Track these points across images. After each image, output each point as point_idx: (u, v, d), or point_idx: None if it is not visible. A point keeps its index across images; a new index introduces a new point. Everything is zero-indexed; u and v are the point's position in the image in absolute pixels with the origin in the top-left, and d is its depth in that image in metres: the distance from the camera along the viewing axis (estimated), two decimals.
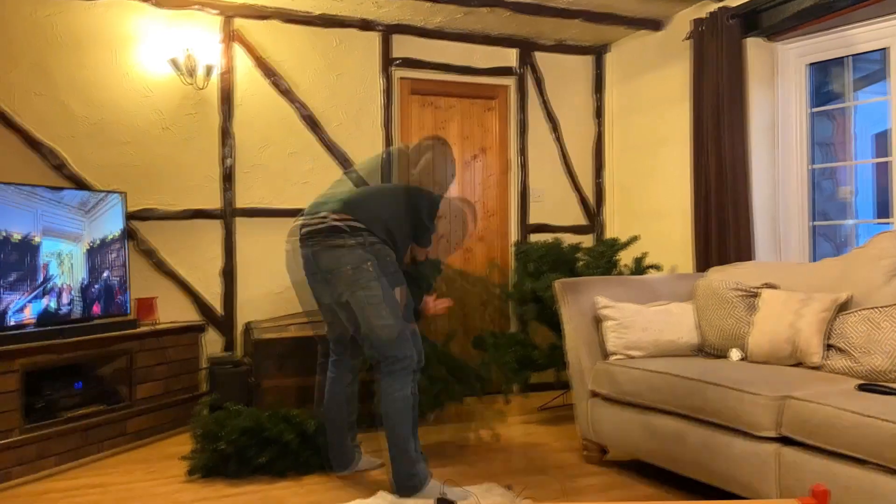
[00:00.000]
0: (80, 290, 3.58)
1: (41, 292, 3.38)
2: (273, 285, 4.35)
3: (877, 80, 3.75)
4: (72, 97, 3.94)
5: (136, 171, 4.07)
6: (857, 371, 2.75)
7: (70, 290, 3.52)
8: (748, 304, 3.23)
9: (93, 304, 3.64)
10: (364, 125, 4.57)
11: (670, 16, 4.53)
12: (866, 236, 3.41)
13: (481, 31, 4.75)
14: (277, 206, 4.37)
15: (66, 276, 3.50)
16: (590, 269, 4.16)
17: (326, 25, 4.45)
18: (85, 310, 3.60)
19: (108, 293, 3.73)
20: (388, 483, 2.97)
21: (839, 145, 3.99)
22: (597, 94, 5.17)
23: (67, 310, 3.51)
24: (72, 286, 3.53)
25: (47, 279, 3.41)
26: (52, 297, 3.44)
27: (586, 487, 3.04)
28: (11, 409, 3.13)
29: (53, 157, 3.89)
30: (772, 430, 2.50)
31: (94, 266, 3.65)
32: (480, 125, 4.94)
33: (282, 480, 3.15)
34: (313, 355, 3.93)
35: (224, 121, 4.25)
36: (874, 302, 2.87)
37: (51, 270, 3.43)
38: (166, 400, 3.86)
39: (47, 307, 3.41)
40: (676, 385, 2.86)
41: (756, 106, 3.99)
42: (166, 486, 3.09)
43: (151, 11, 4.07)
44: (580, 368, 3.36)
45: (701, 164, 4.09)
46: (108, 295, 3.73)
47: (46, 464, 3.26)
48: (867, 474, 2.21)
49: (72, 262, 3.54)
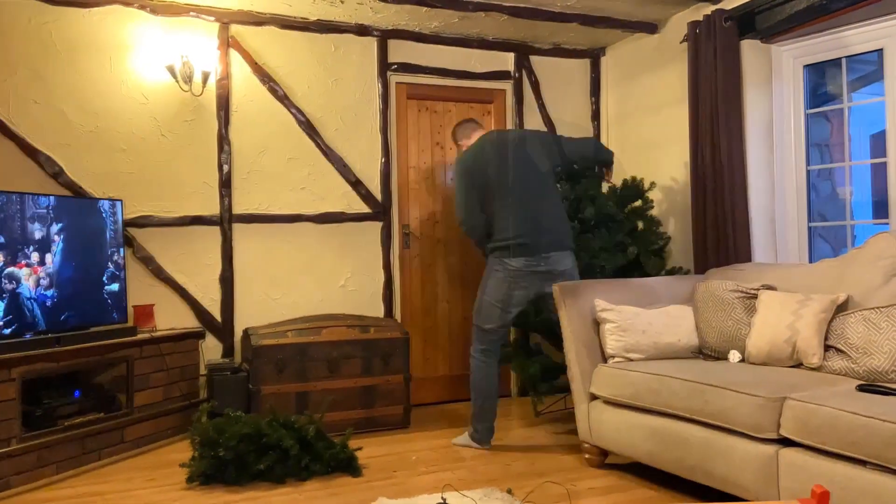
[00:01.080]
0: (78, 297, 3.57)
1: (39, 300, 3.38)
2: (272, 291, 4.35)
3: (872, 80, 3.76)
4: (69, 105, 3.94)
5: (134, 178, 4.07)
6: (856, 372, 2.75)
7: (67, 298, 3.52)
8: (747, 305, 3.23)
9: (90, 312, 3.63)
10: (361, 130, 4.58)
11: (666, 19, 4.54)
12: (864, 237, 3.41)
13: (478, 35, 4.76)
14: (275, 212, 4.37)
15: (63, 284, 3.50)
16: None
17: (323, 31, 4.45)
18: (83, 317, 3.59)
19: (106, 300, 3.72)
20: (385, 489, 2.98)
21: (836, 146, 4.00)
22: (593, 98, 5.18)
23: (65, 318, 3.50)
24: (69, 293, 3.52)
25: (45, 286, 3.41)
26: (50, 305, 3.43)
27: (587, 491, 3.04)
28: (10, 417, 3.12)
29: (50, 165, 3.88)
30: (771, 431, 2.51)
31: (91, 273, 3.65)
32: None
33: (281, 487, 3.14)
34: (312, 361, 3.94)
35: (221, 127, 4.25)
36: (873, 302, 2.87)
37: (47, 278, 3.42)
38: (165, 407, 3.85)
39: (45, 315, 3.40)
40: (676, 387, 2.86)
41: (753, 107, 4.00)
42: (166, 494, 3.08)
43: (147, 18, 4.08)
44: (580, 371, 3.36)
45: (698, 167, 4.10)
46: (106, 302, 3.72)
47: (45, 472, 3.25)
48: (867, 475, 2.21)
49: (69, 268, 3.53)
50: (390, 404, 4.09)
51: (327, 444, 3.33)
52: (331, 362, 3.98)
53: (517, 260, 3.60)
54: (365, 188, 4.57)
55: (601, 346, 3.35)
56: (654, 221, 4.34)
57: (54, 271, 3.46)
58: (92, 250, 3.65)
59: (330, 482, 3.19)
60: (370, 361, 4.06)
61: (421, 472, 3.32)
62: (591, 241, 4.09)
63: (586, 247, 4.05)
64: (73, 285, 3.54)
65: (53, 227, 3.46)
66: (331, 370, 3.98)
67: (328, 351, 3.98)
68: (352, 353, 4.02)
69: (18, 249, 3.30)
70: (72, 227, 3.55)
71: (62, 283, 3.49)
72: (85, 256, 3.61)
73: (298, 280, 4.42)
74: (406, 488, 3.08)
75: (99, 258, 3.68)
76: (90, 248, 3.64)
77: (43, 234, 3.41)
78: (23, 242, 3.32)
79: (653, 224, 4.32)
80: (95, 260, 3.67)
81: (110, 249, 3.74)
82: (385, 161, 4.63)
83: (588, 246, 4.06)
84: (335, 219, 4.50)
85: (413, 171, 4.77)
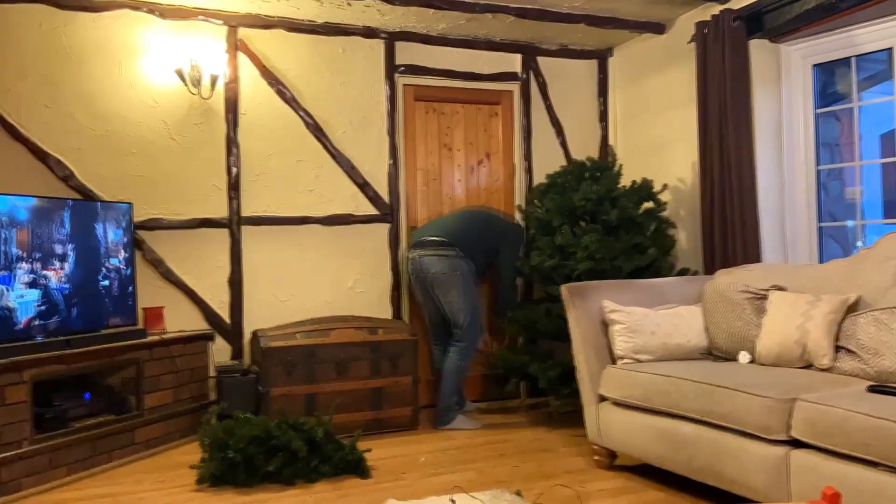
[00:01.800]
0: (88, 300, 3.59)
1: (50, 303, 3.40)
2: (280, 293, 4.36)
3: (882, 79, 3.73)
4: (78, 109, 3.97)
5: (143, 181, 4.09)
6: (866, 373, 2.73)
7: (78, 301, 3.54)
8: (756, 306, 3.21)
9: (101, 315, 3.66)
10: (369, 132, 4.59)
11: (673, 19, 4.53)
12: (874, 237, 3.39)
13: (485, 36, 4.76)
14: (284, 214, 4.38)
15: (74, 287, 3.52)
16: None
17: (330, 34, 4.47)
18: (93, 320, 3.61)
19: (116, 303, 3.74)
20: (394, 490, 3.00)
21: (845, 146, 3.98)
22: (601, 98, 5.17)
23: (76, 320, 3.52)
24: (79, 296, 3.55)
25: (55, 290, 3.43)
26: (61, 307, 3.45)
27: (596, 493, 3.03)
28: (22, 419, 3.14)
29: (60, 169, 3.91)
30: (782, 432, 2.49)
31: (101, 276, 3.67)
32: (485, 131, 4.95)
33: (291, 488, 3.15)
34: (320, 363, 3.95)
35: (230, 130, 4.27)
36: (883, 303, 2.85)
37: (59, 281, 3.45)
38: (175, 409, 3.86)
39: (56, 318, 3.42)
40: (685, 389, 2.85)
41: (761, 107, 3.98)
42: (176, 496, 3.10)
43: (156, 23, 4.10)
44: (588, 373, 3.36)
45: (707, 167, 4.08)
46: (116, 305, 3.74)
47: (57, 474, 3.27)
48: (879, 476, 2.19)
49: (80, 272, 3.55)
50: (399, 406, 4.10)
51: (336, 445, 3.34)
52: (339, 364, 3.99)
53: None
54: (373, 190, 4.58)
55: (609, 347, 3.34)
56: (667, 223, 4.31)
57: (70, 272, 3.49)
58: (100, 254, 3.67)
59: (339, 484, 3.19)
60: (378, 363, 4.06)
61: (430, 474, 3.32)
62: (613, 244, 4.06)
63: (610, 248, 4.03)
64: (84, 286, 3.57)
65: (66, 231, 3.48)
66: (339, 372, 3.98)
67: (337, 353, 3.99)
68: (360, 355, 4.03)
69: (47, 255, 3.34)
70: (83, 232, 3.57)
71: (75, 281, 3.52)
72: (94, 260, 3.64)
73: (307, 282, 4.43)
74: (415, 490, 3.08)
75: (108, 261, 3.71)
76: (98, 252, 3.67)
77: (62, 244, 3.44)
78: (49, 248, 3.35)
79: (666, 225, 4.30)
80: (105, 263, 3.69)
81: (121, 252, 3.76)
82: (393, 163, 4.63)
83: (612, 247, 4.03)
84: (343, 221, 4.51)
85: (421, 172, 4.77)
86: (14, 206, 3.28)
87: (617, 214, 4.09)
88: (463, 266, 4.17)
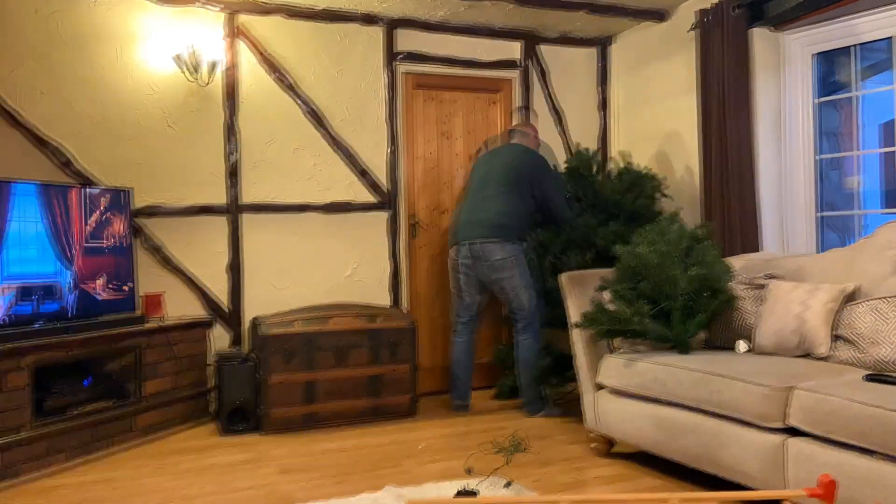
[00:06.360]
0: (88, 286, 3.59)
1: (48, 290, 3.40)
2: (279, 280, 4.37)
3: (883, 69, 3.72)
4: (77, 94, 3.95)
5: (142, 167, 4.09)
6: (864, 361, 2.74)
7: (78, 287, 3.54)
8: (755, 295, 3.22)
9: (100, 301, 3.66)
10: (368, 120, 4.57)
11: (674, 7, 4.51)
12: (873, 226, 3.39)
13: (485, 24, 4.74)
14: (283, 202, 4.38)
15: (73, 273, 3.52)
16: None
17: (330, 20, 4.44)
18: (93, 306, 3.61)
19: (116, 289, 3.74)
20: (393, 477, 3.00)
21: (846, 135, 3.97)
22: (601, 87, 5.16)
23: (75, 306, 3.53)
24: (79, 283, 3.55)
25: (54, 276, 3.43)
26: (61, 293, 3.46)
27: (593, 479, 3.04)
28: (22, 405, 3.15)
29: (60, 155, 3.90)
30: (778, 420, 2.50)
31: (100, 262, 3.67)
32: (485, 118, 4.93)
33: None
34: (319, 350, 3.96)
35: (229, 117, 4.26)
36: (881, 292, 2.86)
37: (57, 267, 3.45)
38: (174, 395, 3.88)
39: (56, 304, 3.43)
40: (683, 377, 2.86)
41: (762, 96, 3.97)
42: (175, 481, 3.11)
43: (155, 8, 4.08)
44: (587, 361, 3.37)
45: (708, 156, 4.08)
46: (116, 291, 3.74)
47: (56, 459, 3.29)
48: (875, 464, 2.21)
49: (79, 258, 3.55)
50: (397, 393, 4.11)
51: None
52: (338, 351, 3.99)
53: (451, 249, 4.27)
54: (372, 178, 4.57)
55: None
56: (660, 201, 4.38)
57: (70, 257, 3.49)
58: (99, 239, 3.67)
59: (336, 472, 3.20)
60: (377, 351, 4.07)
61: (428, 461, 3.33)
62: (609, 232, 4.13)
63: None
64: (83, 273, 3.57)
65: (66, 217, 3.48)
66: (338, 359, 3.99)
67: (335, 340, 4.00)
68: (359, 343, 4.04)
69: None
70: (81, 218, 3.57)
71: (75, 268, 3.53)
72: (94, 246, 3.64)
73: (306, 269, 4.43)
74: (413, 477, 3.10)
75: (107, 247, 3.71)
76: (97, 237, 3.66)
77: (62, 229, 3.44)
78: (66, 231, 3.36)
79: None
80: (104, 249, 3.69)
81: (121, 238, 3.76)
82: (392, 151, 4.62)
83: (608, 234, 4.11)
84: (342, 209, 4.51)
85: (420, 160, 4.76)
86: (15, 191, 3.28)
87: (643, 204, 4.24)
88: (519, 249, 4.14)
